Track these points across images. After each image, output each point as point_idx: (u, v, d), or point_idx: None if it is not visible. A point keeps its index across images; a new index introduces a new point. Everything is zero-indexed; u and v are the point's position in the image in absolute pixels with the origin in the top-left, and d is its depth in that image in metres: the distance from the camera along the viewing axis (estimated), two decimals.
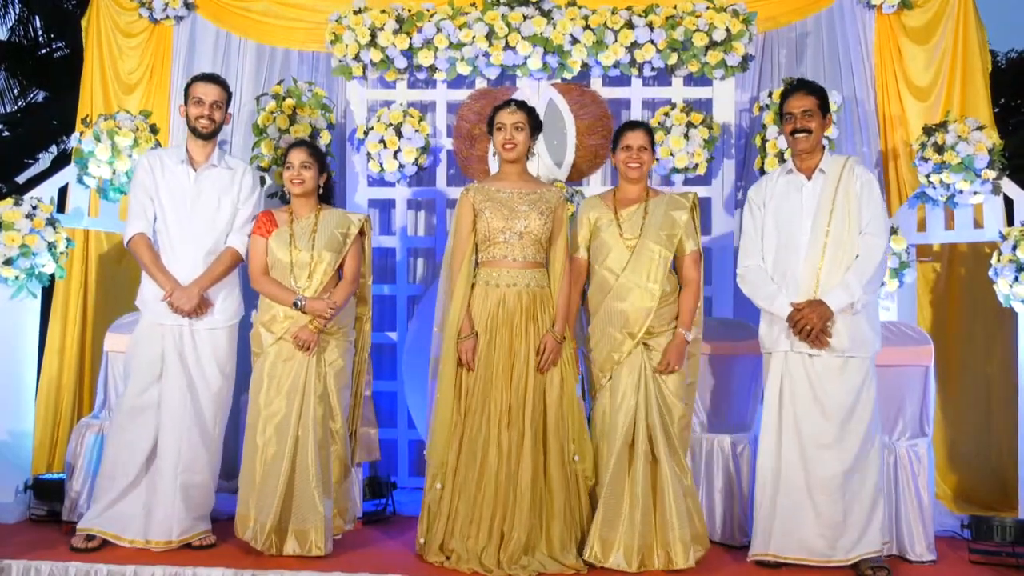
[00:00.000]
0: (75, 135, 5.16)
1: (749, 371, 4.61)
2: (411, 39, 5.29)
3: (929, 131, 4.94)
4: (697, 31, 5.12)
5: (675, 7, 5.23)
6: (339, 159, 5.46)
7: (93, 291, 5.56)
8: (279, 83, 5.30)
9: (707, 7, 5.17)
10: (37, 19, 10.66)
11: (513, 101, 4.13)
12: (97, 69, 5.67)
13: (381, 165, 5.27)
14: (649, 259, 4.00)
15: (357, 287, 4.28)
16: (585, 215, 4.15)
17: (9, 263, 4.62)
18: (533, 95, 5.26)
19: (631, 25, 5.19)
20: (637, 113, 5.37)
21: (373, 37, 5.29)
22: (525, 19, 5.19)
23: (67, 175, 5.21)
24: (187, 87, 4.31)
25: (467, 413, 3.94)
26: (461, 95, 5.41)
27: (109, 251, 5.59)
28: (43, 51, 10.86)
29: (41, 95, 10.99)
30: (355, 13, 5.32)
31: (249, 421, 4.09)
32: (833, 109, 4.70)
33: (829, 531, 3.83)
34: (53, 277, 4.87)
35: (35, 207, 4.73)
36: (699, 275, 4.10)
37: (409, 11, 5.32)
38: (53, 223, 4.77)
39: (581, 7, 5.24)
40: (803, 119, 3.98)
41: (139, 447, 4.09)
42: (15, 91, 10.91)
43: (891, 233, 4.61)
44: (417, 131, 5.25)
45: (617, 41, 5.19)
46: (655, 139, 4.44)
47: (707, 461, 4.34)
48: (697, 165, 5.14)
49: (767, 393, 4.01)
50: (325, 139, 5.17)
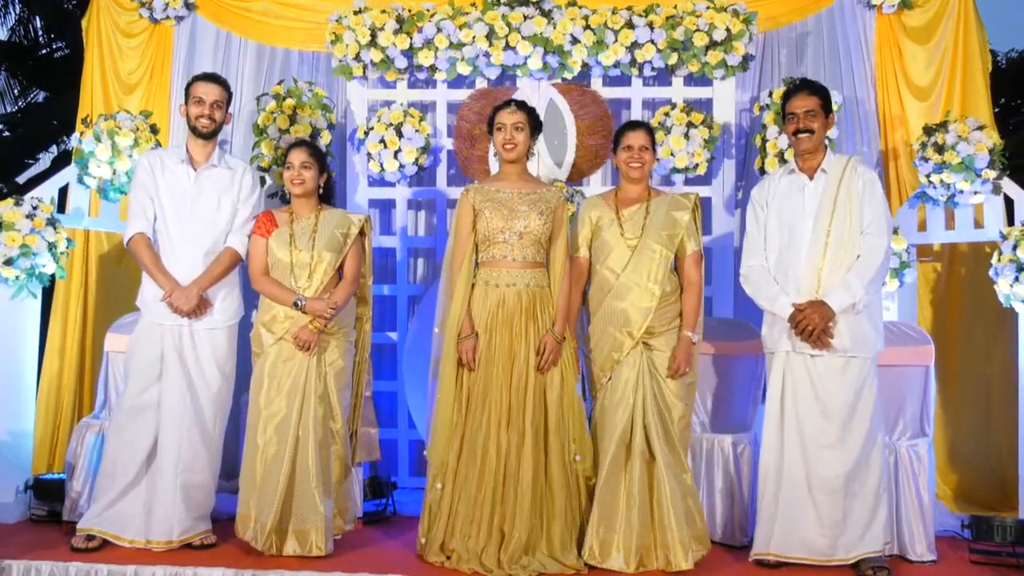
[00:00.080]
0: (75, 135, 5.17)
1: (750, 371, 4.61)
2: (411, 39, 5.29)
3: (929, 131, 4.94)
4: (697, 31, 5.12)
5: (675, 7, 5.23)
6: (339, 159, 5.46)
7: (93, 291, 5.56)
8: (279, 83, 5.30)
9: (707, 7, 5.17)
10: (37, 19, 10.67)
11: (513, 101, 4.13)
12: (97, 69, 5.68)
13: (381, 165, 5.27)
14: (650, 259, 4.00)
15: (357, 287, 4.28)
16: (587, 214, 4.15)
17: (9, 263, 4.62)
18: (533, 95, 5.26)
19: (631, 25, 5.19)
20: (637, 113, 5.37)
21: (373, 37, 5.29)
22: (525, 19, 5.19)
23: (67, 175, 5.21)
24: (187, 87, 4.31)
25: (467, 413, 3.94)
26: (461, 95, 5.41)
27: (109, 251, 5.59)
28: (43, 51, 10.87)
29: (41, 95, 11.00)
30: (355, 13, 5.32)
31: (249, 421, 4.09)
32: (834, 109, 4.69)
33: (830, 530, 3.83)
34: (53, 277, 4.87)
35: (35, 207, 4.74)
36: (701, 276, 4.09)
37: (409, 11, 5.32)
38: (53, 223, 4.77)
39: (581, 7, 5.24)
40: (806, 119, 3.98)
41: (139, 446, 4.09)
42: (15, 91, 10.92)
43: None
44: (417, 131, 5.25)
45: (617, 41, 5.19)
46: (655, 139, 4.44)
47: (707, 461, 4.34)
48: (697, 165, 5.14)
49: (769, 393, 4.01)
50: (325, 139, 5.17)
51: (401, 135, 5.24)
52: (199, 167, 4.24)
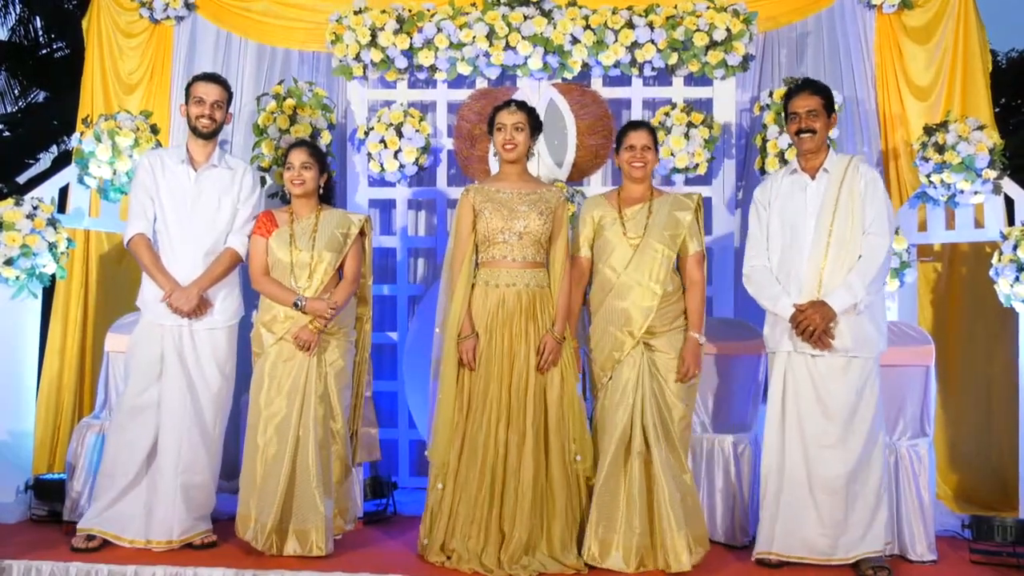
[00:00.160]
0: (76, 135, 5.17)
1: (750, 371, 4.61)
2: (411, 39, 5.29)
3: (930, 131, 4.94)
4: (697, 31, 5.12)
5: (675, 7, 5.23)
6: (340, 159, 5.46)
7: (94, 291, 5.56)
8: (279, 83, 5.30)
9: (707, 7, 5.17)
10: (38, 19, 10.68)
11: (513, 101, 4.13)
12: (98, 69, 5.67)
13: (382, 165, 5.27)
14: (652, 258, 4.00)
15: (357, 287, 4.28)
16: (589, 214, 4.15)
17: (10, 263, 4.62)
18: (533, 95, 5.26)
19: (631, 25, 5.19)
20: (638, 113, 5.37)
21: (373, 37, 5.29)
22: (525, 19, 5.19)
23: (68, 175, 5.21)
24: (188, 86, 4.31)
25: (468, 413, 3.94)
26: (461, 95, 5.41)
27: (110, 251, 5.59)
28: (44, 51, 10.88)
29: (42, 95, 11.01)
30: (355, 13, 5.32)
31: (250, 421, 4.09)
32: (836, 109, 4.69)
33: (831, 530, 3.83)
34: (54, 277, 4.87)
35: (36, 207, 4.74)
36: (703, 276, 4.10)
37: (409, 11, 5.32)
38: (54, 223, 4.77)
39: (581, 7, 5.24)
40: (808, 119, 3.98)
41: (139, 446, 4.09)
42: (16, 91, 10.93)
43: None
44: (417, 131, 5.25)
45: (617, 41, 5.19)
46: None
47: (708, 461, 4.34)
48: (698, 165, 5.14)
49: (771, 393, 4.01)
50: (326, 139, 5.17)
51: (401, 135, 5.24)
52: (199, 167, 4.24)
